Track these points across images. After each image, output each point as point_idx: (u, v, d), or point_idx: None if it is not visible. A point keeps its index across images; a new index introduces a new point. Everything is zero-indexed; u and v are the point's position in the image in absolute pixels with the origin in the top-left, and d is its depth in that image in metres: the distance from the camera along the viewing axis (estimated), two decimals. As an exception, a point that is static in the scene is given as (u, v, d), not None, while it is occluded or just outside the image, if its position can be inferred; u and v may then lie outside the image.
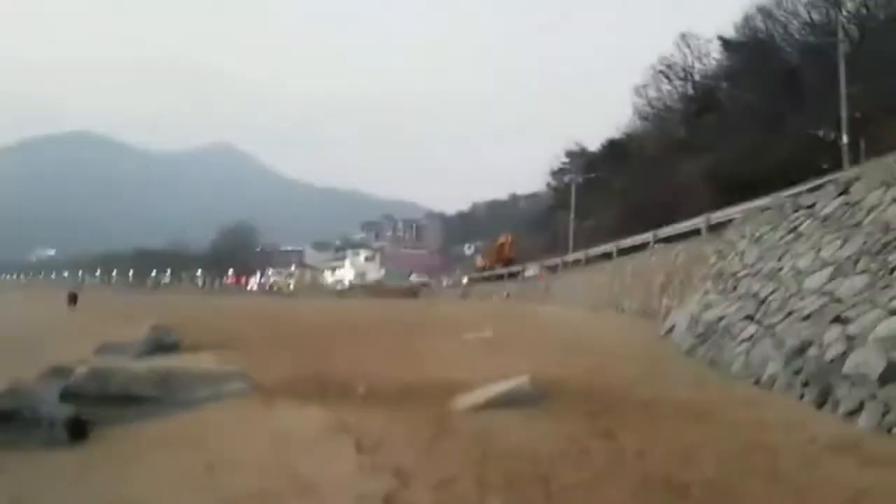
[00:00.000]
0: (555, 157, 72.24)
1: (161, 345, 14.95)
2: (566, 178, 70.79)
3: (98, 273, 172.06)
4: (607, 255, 27.94)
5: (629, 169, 51.53)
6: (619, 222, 50.14)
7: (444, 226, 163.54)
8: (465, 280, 53.22)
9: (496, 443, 5.72)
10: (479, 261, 51.86)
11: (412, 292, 56.87)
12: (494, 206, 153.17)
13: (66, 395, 7.66)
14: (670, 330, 13.46)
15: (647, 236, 23.33)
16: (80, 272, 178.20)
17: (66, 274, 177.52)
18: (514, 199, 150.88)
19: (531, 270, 42.70)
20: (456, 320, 19.82)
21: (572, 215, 54.98)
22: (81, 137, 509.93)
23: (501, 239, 50.11)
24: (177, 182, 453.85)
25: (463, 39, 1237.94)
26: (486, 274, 47.61)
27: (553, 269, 37.49)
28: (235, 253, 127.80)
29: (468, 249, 67.48)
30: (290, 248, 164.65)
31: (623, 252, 25.53)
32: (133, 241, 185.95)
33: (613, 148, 57.81)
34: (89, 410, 7.24)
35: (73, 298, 50.85)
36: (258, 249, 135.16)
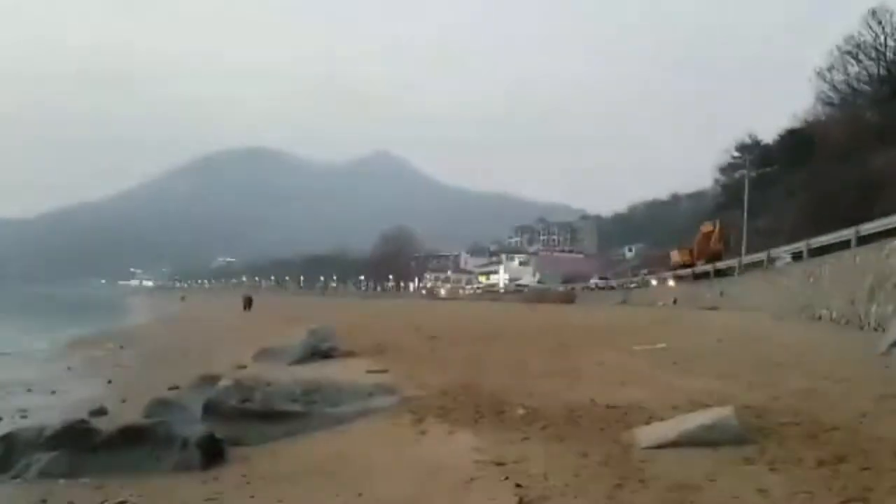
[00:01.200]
0: (724, 151, 67.22)
1: (317, 350, 14.85)
2: (737, 174, 65.47)
3: (272, 278, 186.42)
4: (796, 256, 24.61)
5: (811, 161, 46.38)
6: (799, 220, 45.06)
7: (600, 228, 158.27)
8: (640, 283, 47.73)
9: (703, 500, 4.35)
10: (676, 256, 46.63)
11: (568, 297, 54.86)
12: (654, 207, 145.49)
13: (209, 409, 7.28)
14: (894, 344, 11.03)
15: (846, 233, 20.07)
16: (256, 278, 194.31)
17: (243, 279, 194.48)
18: (676, 198, 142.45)
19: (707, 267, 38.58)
20: (620, 328, 18.12)
21: (745, 213, 50.24)
22: (255, 153, 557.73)
23: (707, 227, 44.16)
24: (341, 191, 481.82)
25: (615, 30, 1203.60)
26: (681, 272, 42.83)
27: (722, 272, 33.87)
28: (395, 258, 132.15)
29: (629, 252, 63.85)
30: (446, 253, 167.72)
31: (815, 252, 22.27)
32: (302, 247, 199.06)
33: (793, 138, 52.30)
34: (228, 427, 6.78)
35: (248, 302, 55.05)
36: (416, 255, 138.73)
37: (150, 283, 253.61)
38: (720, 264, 36.13)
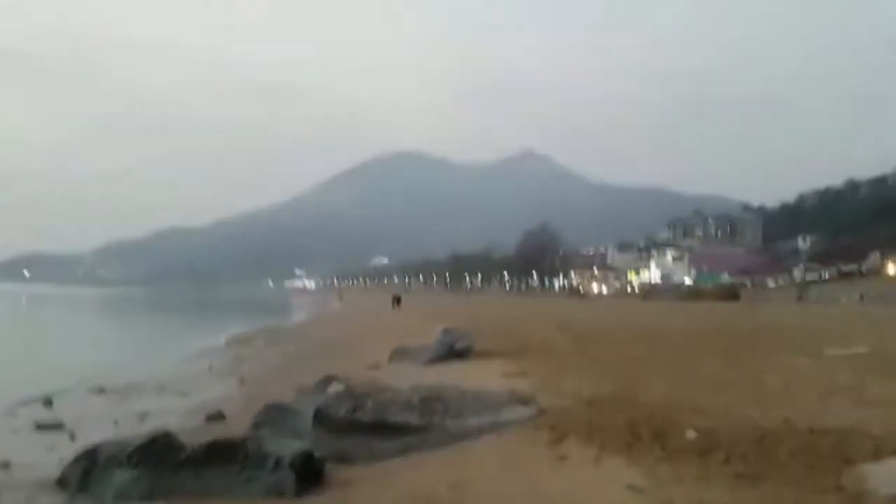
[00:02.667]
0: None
1: (452, 350, 13.84)
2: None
3: (421, 277, 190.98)
4: None
5: None
6: None
7: (764, 220, 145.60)
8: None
9: None
10: None
11: (731, 294, 50.05)
12: (827, 195, 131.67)
13: (318, 419, 6.38)
14: None
15: None
16: (406, 277, 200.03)
17: (395, 278, 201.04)
18: (853, 185, 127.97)
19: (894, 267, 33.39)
20: (801, 329, 15.47)
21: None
22: (404, 157, 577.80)
23: None
24: (487, 190, 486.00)
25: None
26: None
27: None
28: (539, 255, 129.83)
29: (802, 242, 57.18)
30: (591, 250, 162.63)
31: None
32: (449, 247, 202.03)
33: None
34: (335, 441, 5.82)
35: (397, 300, 56.34)
36: (560, 252, 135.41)
37: (311, 283, 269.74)
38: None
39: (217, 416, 8.29)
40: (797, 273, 52.68)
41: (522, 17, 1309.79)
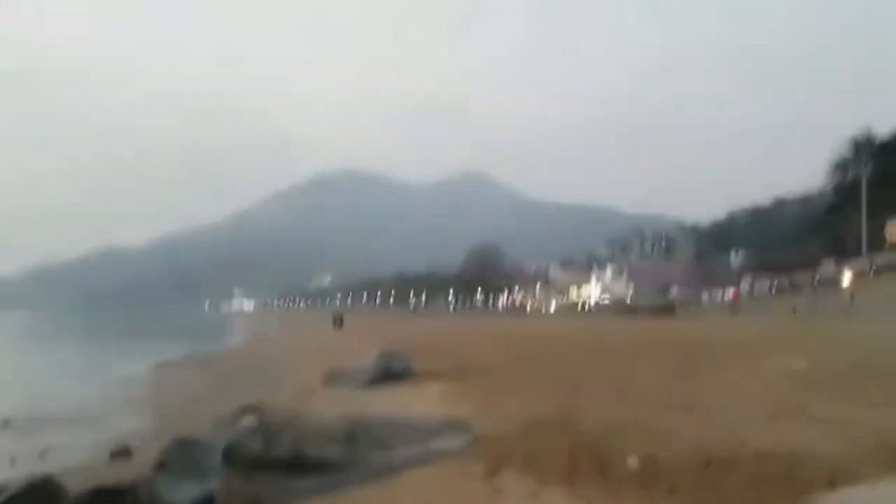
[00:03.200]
0: (834, 151, 61.87)
1: (389, 372, 13.26)
2: (850, 175, 59.95)
3: (364, 297, 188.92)
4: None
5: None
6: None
7: (697, 238, 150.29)
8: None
9: None
10: None
11: (668, 309, 50.93)
12: (756, 214, 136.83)
13: (227, 456, 5.72)
14: None
15: None
16: (350, 297, 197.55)
17: (338, 298, 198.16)
18: (780, 203, 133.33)
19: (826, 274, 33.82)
20: (739, 344, 15.50)
21: (864, 213, 45.50)
22: (345, 175, 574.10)
23: None
24: (431, 209, 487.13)
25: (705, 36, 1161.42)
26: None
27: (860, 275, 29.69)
28: (482, 274, 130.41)
29: (735, 257, 58.80)
30: (534, 267, 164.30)
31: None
32: (393, 266, 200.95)
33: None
34: (245, 482, 5.18)
35: (339, 320, 54.95)
36: (503, 270, 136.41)
37: (251, 305, 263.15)
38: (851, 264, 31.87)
39: (123, 452, 7.49)
40: (728, 289, 54.15)
41: (464, 41, 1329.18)
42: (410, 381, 12.88)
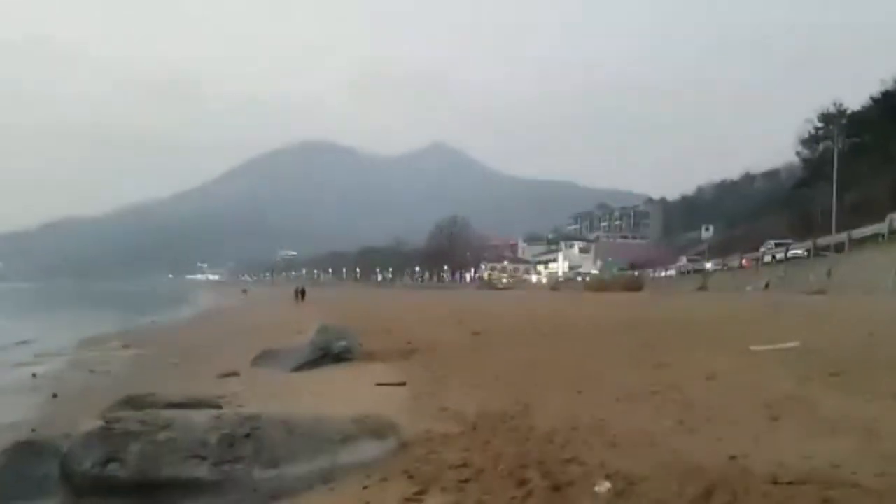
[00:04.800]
0: (806, 122, 61.20)
1: (328, 352, 11.69)
2: (821, 146, 59.53)
3: (330, 271, 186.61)
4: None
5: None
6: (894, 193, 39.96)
7: (665, 213, 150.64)
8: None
9: None
10: None
11: (636, 284, 50.23)
12: (724, 188, 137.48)
13: (65, 475, 4.18)
14: None
15: None
16: (315, 270, 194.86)
17: (303, 272, 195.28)
18: (748, 178, 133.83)
19: (799, 248, 32.89)
20: (716, 321, 14.28)
21: (835, 186, 44.94)
22: (313, 146, 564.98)
23: None
24: (398, 182, 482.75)
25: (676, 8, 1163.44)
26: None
27: (825, 249, 28.78)
28: (450, 248, 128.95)
29: (706, 231, 57.98)
30: (502, 242, 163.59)
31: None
32: (360, 240, 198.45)
33: (888, 102, 46.43)
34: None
35: (301, 293, 53.86)
36: (472, 244, 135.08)
37: (215, 277, 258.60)
38: (823, 240, 31.04)
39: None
40: (700, 263, 53.51)
41: (434, 13, 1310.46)
42: (352, 362, 11.36)
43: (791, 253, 33.32)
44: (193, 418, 4.81)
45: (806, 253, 30.49)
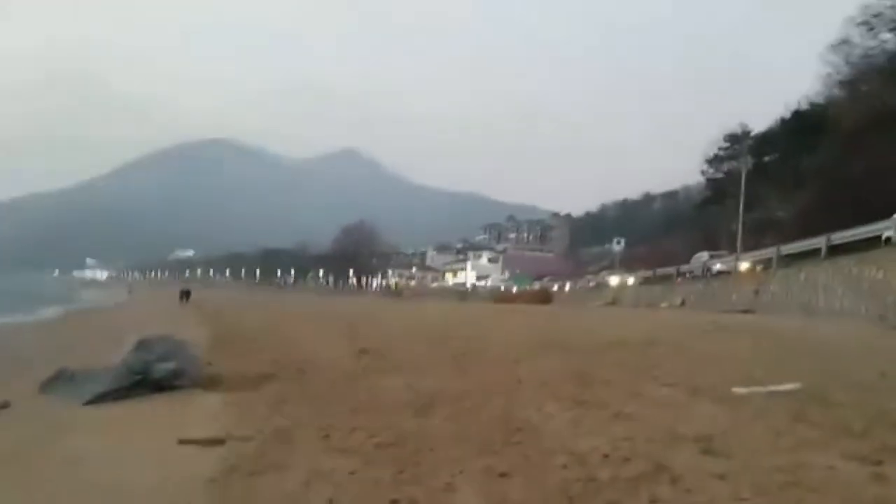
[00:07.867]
0: (710, 143, 62.09)
1: (147, 376, 8.33)
2: (725, 167, 60.48)
3: (228, 272, 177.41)
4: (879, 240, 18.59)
5: (818, 148, 41.47)
6: (803, 213, 40.21)
7: (571, 228, 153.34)
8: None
9: None
10: None
11: (544, 297, 48.72)
12: (626, 207, 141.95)
13: None
14: None
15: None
16: (212, 271, 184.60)
17: (199, 272, 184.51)
18: (648, 198, 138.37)
19: (721, 264, 31.36)
20: (658, 343, 11.81)
21: (741, 206, 45.08)
22: (215, 144, 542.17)
23: None
24: (305, 186, 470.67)
25: (572, 36, 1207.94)
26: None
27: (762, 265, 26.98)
28: (356, 253, 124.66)
29: (617, 245, 57.13)
30: (411, 250, 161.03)
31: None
32: (262, 241, 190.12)
33: (797, 123, 47.09)
34: None
35: (185, 294, 49.51)
36: (379, 251, 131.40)
37: (103, 275, 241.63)
38: (745, 256, 29.68)
39: None
40: (609, 276, 52.65)
41: (352, 22, 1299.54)
42: (175, 393, 8.07)
43: (716, 268, 32.15)
44: None
45: (725, 268, 29.38)
